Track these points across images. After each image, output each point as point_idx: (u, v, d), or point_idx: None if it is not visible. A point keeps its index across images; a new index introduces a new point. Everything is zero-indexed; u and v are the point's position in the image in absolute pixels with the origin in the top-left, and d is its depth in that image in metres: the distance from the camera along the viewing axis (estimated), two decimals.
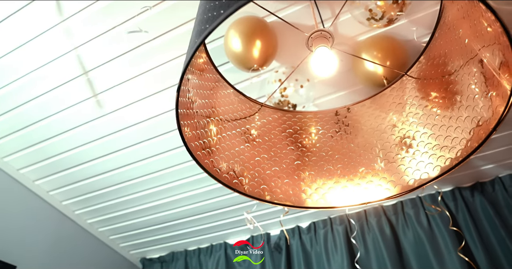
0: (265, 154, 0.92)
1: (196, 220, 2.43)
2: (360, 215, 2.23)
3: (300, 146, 0.97)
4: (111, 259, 2.69)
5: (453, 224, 1.96)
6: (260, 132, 0.94)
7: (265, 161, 0.91)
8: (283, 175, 0.92)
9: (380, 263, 2.01)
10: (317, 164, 0.95)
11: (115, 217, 2.47)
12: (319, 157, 0.98)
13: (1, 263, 1.86)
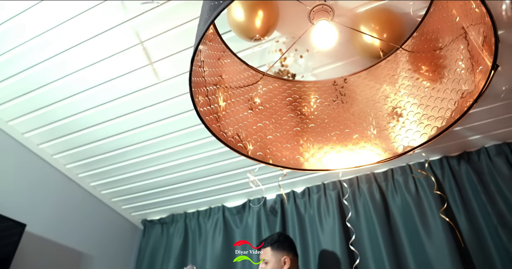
0: (267, 121, 0.99)
1: (195, 184, 2.54)
2: (352, 181, 2.34)
3: (299, 113, 1.05)
4: (113, 221, 2.82)
5: (438, 190, 2.08)
6: (262, 100, 1.01)
7: (267, 127, 0.99)
8: (283, 140, 1.00)
9: (369, 225, 2.15)
10: (315, 131, 1.03)
11: (118, 180, 2.57)
12: (316, 124, 1.06)
13: (12, 221, 1.96)
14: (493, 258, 1.84)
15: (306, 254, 2.22)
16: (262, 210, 2.53)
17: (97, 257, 2.56)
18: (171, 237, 2.77)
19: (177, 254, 2.63)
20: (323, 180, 2.42)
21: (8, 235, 1.95)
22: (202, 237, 2.66)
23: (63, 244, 2.34)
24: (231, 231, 2.60)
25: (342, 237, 2.14)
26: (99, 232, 2.65)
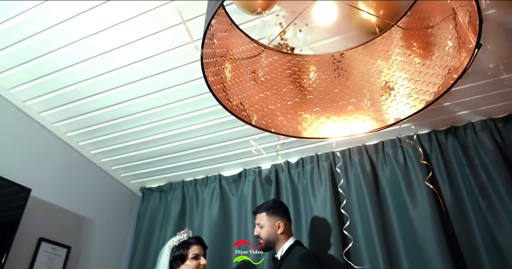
0: (268, 92, 1.06)
1: (193, 153, 2.63)
2: (344, 153, 2.45)
3: (298, 85, 1.12)
4: (113, 188, 2.91)
5: (425, 161, 2.19)
6: (264, 72, 1.08)
7: (268, 98, 1.06)
8: (283, 111, 1.08)
9: (359, 194, 2.27)
10: (313, 102, 1.10)
11: (117, 149, 2.65)
12: (314, 96, 1.13)
13: (18, 186, 2.04)
14: (471, 223, 1.98)
15: (299, 220, 2.35)
16: (258, 179, 2.64)
17: (98, 221, 2.67)
18: (169, 204, 2.88)
19: (175, 220, 2.76)
20: (317, 151, 2.53)
21: (14, 200, 2.04)
22: (199, 204, 2.78)
23: (66, 209, 2.44)
24: (227, 199, 2.72)
25: (333, 204, 2.27)
26: (100, 198, 2.75)
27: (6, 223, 1.97)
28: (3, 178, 1.98)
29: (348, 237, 1.91)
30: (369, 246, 2.09)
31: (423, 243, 1.98)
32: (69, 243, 2.38)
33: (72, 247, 2.39)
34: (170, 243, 2.07)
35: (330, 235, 2.18)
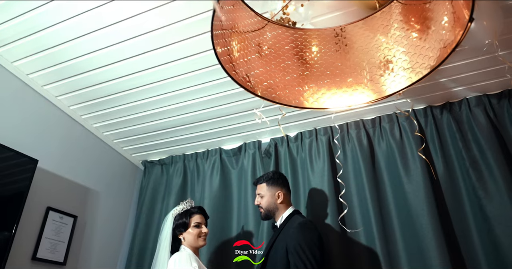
0: (272, 65, 1.11)
1: (194, 127, 2.69)
2: (342, 127, 2.51)
3: (300, 59, 1.16)
4: (116, 161, 2.98)
5: (422, 140, 2.25)
6: (268, 45, 1.12)
7: (272, 71, 1.11)
8: (286, 83, 1.13)
9: (355, 167, 2.36)
10: (314, 75, 1.16)
11: (119, 122, 2.70)
12: (316, 69, 1.18)
13: (27, 157, 2.11)
14: (461, 194, 2.08)
15: (297, 192, 2.45)
16: (257, 153, 2.72)
17: (102, 193, 2.76)
18: (171, 177, 2.97)
19: (177, 192, 2.85)
20: (315, 126, 2.59)
21: (22, 171, 2.10)
22: (200, 177, 2.86)
23: (72, 180, 2.51)
24: (228, 171, 2.80)
25: (330, 177, 2.35)
26: (104, 171, 2.83)
27: (15, 193, 2.04)
28: (12, 150, 2.04)
29: (343, 204, 2.00)
30: (364, 215, 2.19)
31: (415, 213, 2.08)
32: (75, 213, 2.47)
33: (78, 217, 2.48)
34: (174, 211, 2.16)
35: (327, 205, 2.27)
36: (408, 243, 2.04)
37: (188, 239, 2.04)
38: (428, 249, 1.96)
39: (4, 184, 2.02)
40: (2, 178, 2.01)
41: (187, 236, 2.05)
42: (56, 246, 2.29)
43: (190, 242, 2.03)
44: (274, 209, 2.01)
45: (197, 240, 2.03)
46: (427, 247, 1.97)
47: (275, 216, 2.02)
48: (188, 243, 2.04)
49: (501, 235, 1.90)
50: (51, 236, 2.27)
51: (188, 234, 2.05)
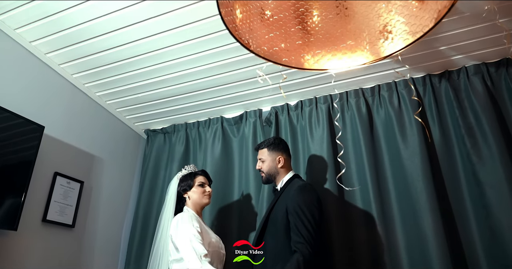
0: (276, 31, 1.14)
1: (195, 95, 2.72)
2: (342, 96, 2.55)
3: (301, 21, 1.19)
4: (119, 129, 3.04)
5: (418, 105, 2.30)
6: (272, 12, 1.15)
7: (275, 38, 1.14)
8: (288, 50, 1.16)
9: (354, 135, 2.42)
10: (315, 41, 1.18)
11: (122, 90, 2.73)
12: (317, 35, 1.20)
13: (33, 123, 2.16)
14: (456, 160, 2.15)
15: (297, 158, 2.52)
16: (258, 121, 2.77)
17: (107, 160, 2.83)
18: (173, 145, 3.03)
19: (179, 159, 2.92)
20: (315, 94, 2.63)
21: (29, 137, 2.16)
22: (202, 145, 2.93)
23: (77, 147, 2.58)
24: (229, 139, 2.86)
25: (329, 143, 2.42)
26: (107, 139, 2.89)
27: (23, 159, 2.10)
28: (21, 116, 2.09)
29: (341, 165, 2.07)
30: (361, 179, 2.27)
31: (411, 178, 2.16)
32: (82, 178, 2.55)
33: (85, 182, 2.57)
34: (179, 174, 2.25)
35: (326, 171, 2.35)
36: (402, 206, 2.13)
37: (192, 197, 2.13)
38: (421, 211, 2.05)
39: (13, 150, 2.08)
40: (11, 145, 2.07)
41: (191, 195, 2.14)
42: (64, 210, 2.38)
43: (194, 200, 2.13)
44: (275, 173, 2.08)
45: (202, 198, 2.13)
46: (421, 209, 2.06)
47: (276, 180, 2.09)
48: (193, 202, 2.13)
49: (492, 199, 1.98)
50: (60, 200, 2.36)
51: (192, 192, 2.14)
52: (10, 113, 2.04)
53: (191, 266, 1.79)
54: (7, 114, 2.03)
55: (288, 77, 2.41)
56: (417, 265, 1.98)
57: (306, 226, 1.75)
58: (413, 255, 2.01)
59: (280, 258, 1.77)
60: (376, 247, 2.11)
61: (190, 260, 1.80)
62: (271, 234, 1.89)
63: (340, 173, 2.16)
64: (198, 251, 1.82)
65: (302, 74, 2.41)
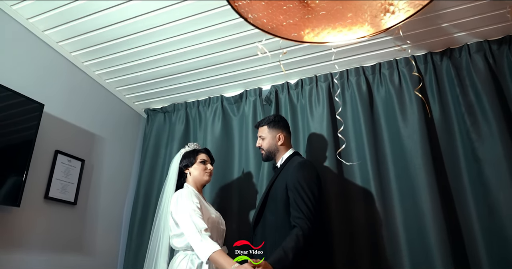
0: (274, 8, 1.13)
1: (195, 74, 2.71)
2: (342, 74, 2.54)
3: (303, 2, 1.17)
4: (119, 108, 3.04)
5: (419, 82, 2.29)
6: None
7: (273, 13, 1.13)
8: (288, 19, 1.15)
9: (354, 113, 2.42)
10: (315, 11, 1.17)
11: (120, 69, 2.71)
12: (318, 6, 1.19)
13: (32, 101, 2.16)
14: (455, 138, 2.16)
15: (297, 137, 2.53)
16: (258, 100, 2.76)
17: (108, 138, 2.84)
18: (173, 124, 3.04)
19: (179, 138, 2.93)
20: (316, 73, 2.62)
21: (29, 115, 2.15)
22: (202, 124, 2.93)
23: (77, 125, 2.58)
24: (229, 118, 2.86)
25: (329, 122, 2.42)
26: (108, 118, 2.89)
27: (24, 137, 2.11)
28: (21, 94, 2.09)
29: (341, 140, 2.08)
30: (360, 156, 2.29)
31: (410, 155, 2.17)
32: (82, 157, 2.56)
33: (86, 160, 2.58)
34: (182, 150, 2.26)
35: (326, 149, 2.36)
36: (401, 183, 2.15)
37: (193, 174, 2.15)
38: (420, 188, 2.07)
39: (13, 128, 2.08)
40: (11, 123, 2.07)
41: (193, 171, 2.15)
42: (66, 187, 2.41)
43: (195, 177, 2.15)
44: (275, 150, 2.09)
45: (202, 175, 2.15)
46: (419, 186, 2.08)
47: (276, 157, 2.11)
48: (193, 179, 2.15)
49: (491, 176, 1.99)
50: (61, 177, 2.38)
51: (194, 169, 2.16)
52: (9, 90, 2.04)
53: (191, 240, 1.82)
54: (7, 92, 2.03)
55: (288, 55, 2.39)
56: (415, 241, 2.02)
57: (305, 201, 1.77)
58: (410, 231, 2.04)
59: (280, 234, 1.80)
60: (374, 223, 2.14)
61: (190, 234, 1.83)
62: (271, 211, 1.91)
63: (340, 149, 2.16)
64: (198, 225, 1.84)
65: (303, 52, 2.39)
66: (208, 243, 1.77)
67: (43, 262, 2.20)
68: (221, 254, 1.72)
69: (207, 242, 1.77)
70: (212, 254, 1.72)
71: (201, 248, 1.77)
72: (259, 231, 1.93)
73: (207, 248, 1.75)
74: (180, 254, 1.98)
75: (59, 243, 2.33)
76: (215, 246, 1.75)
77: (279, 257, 1.61)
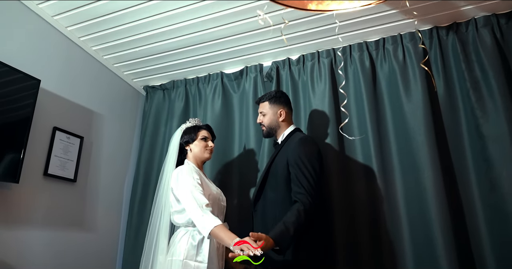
0: None
1: (195, 49, 2.64)
2: (345, 50, 2.48)
3: None
4: (117, 85, 2.99)
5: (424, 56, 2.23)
6: None
7: None
8: None
9: (356, 89, 2.37)
10: None
11: (118, 44, 2.65)
12: None
13: (28, 76, 2.11)
14: (459, 114, 2.12)
15: (298, 114, 2.49)
16: (259, 77, 2.71)
17: (107, 116, 2.80)
18: (173, 102, 2.99)
19: (179, 115, 2.89)
20: (318, 48, 2.55)
21: (26, 91, 2.11)
22: (202, 101, 2.89)
23: (75, 102, 2.54)
24: (229, 95, 2.82)
25: (331, 98, 2.38)
26: (106, 95, 2.84)
27: (21, 113, 2.07)
28: (17, 70, 2.04)
29: (343, 115, 2.05)
30: (362, 130, 2.25)
31: (412, 131, 2.14)
32: (81, 134, 2.54)
33: (85, 137, 2.56)
34: (183, 126, 2.23)
35: (327, 126, 2.33)
36: (403, 159, 2.13)
37: (194, 150, 2.12)
38: (421, 165, 2.06)
39: (10, 104, 2.05)
40: (7, 99, 2.03)
41: (193, 148, 2.13)
42: (65, 164, 2.39)
43: (195, 153, 2.12)
44: (276, 127, 2.06)
45: (203, 152, 2.12)
46: (421, 162, 2.06)
47: (277, 133, 2.08)
48: (194, 155, 2.13)
49: (494, 152, 1.97)
50: (60, 154, 2.36)
51: (195, 146, 2.13)
52: (5, 66, 1.99)
53: (192, 216, 1.82)
54: (3, 68, 1.98)
55: (291, 29, 2.33)
56: (416, 216, 2.01)
57: (307, 177, 1.75)
58: (412, 207, 2.03)
59: (281, 209, 1.79)
60: (375, 200, 2.14)
61: (191, 210, 1.82)
62: (271, 187, 1.90)
63: (342, 123, 2.13)
64: (199, 201, 1.83)
65: (305, 26, 2.33)
66: (209, 218, 1.76)
67: (44, 238, 2.20)
68: (222, 229, 1.71)
69: (209, 217, 1.76)
70: (213, 228, 1.71)
71: (202, 223, 1.76)
72: (260, 207, 1.92)
73: (208, 223, 1.74)
74: (181, 230, 1.98)
75: (60, 219, 2.33)
76: (216, 221, 1.74)
77: (280, 231, 1.61)
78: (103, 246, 2.63)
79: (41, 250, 2.17)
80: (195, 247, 1.89)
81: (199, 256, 1.88)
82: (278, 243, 1.58)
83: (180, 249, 1.89)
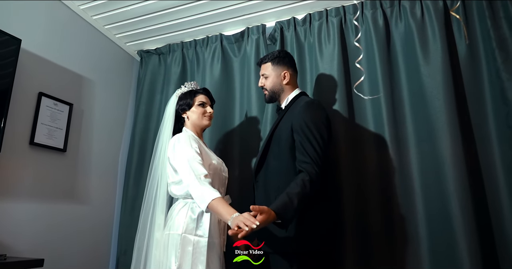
0: None
1: (191, 8, 2.41)
2: (356, 7, 2.25)
3: None
4: (109, 49, 2.78)
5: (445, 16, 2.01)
6: None
7: None
8: None
9: (368, 50, 2.16)
10: None
11: (108, 3, 2.42)
12: None
13: (7, 34, 1.91)
14: (482, 77, 1.92)
15: (304, 78, 2.29)
16: (261, 39, 2.50)
17: (98, 82, 2.61)
18: (169, 67, 2.79)
19: (176, 82, 2.70)
20: (326, 6, 2.32)
21: (4, 52, 1.92)
22: (200, 66, 2.69)
23: (62, 66, 2.35)
24: (229, 59, 2.61)
25: (340, 61, 2.17)
26: (97, 59, 2.64)
27: (0, 77, 1.89)
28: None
29: (359, 71, 1.85)
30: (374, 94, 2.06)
31: (430, 96, 1.95)
32: (70, 101, 2.36)
33: (74, 105, 2.38)
34: (178, 91, 2.05)
35: (336, 91, 2.14)
36: (418, 126, 1.95)
37: (192, 118, 1.95)
38: (439, 132, 1.88)
39: None
40: None
41: (191, 115, 1.96)
42: (53, 133, 2.23)
43: (194, 121, 1.95)
44: (279, 90, 1.87)
45: (201, 119, 1.95)
46: (438, 130, 1.88)
47: (280, 98, 1.88)
48: (192, 123, 1.96)
49: None
50: (47, 122, 2.20)
51: (192, 112, 1.96)
52: None
53: (189, 187, 1.67)
54: None
55: None
56: (431, 187, 1.85)
57: (313, 145, 1.58)
58: (427, 178, 1.87)
59: (284, 179, 1.62)
60: (387, 170, 1.97)
61: (188, 181, 1.67)
62: (274, 155, 1.73)
63: (356, 83, 1.93)
64: (198, 171, 1.67)
65: None
66: (207, 190, 1.61)
67: (32, 211, 2.07)
68: (221, 202, 1.56)
69: (207, 189, 1.61)
70: (211, 201, 1.56)
71: (199, 196, 1.61)
72: (261, 178, 1.76)
73: (206, 196, 1.59)
74: (180, 203, 1.83)
75: (49, 191, 2.19)
76: (214, 194, 1.59)
77: (283, 203, 1.45)
78: (98, 218, 2.51)
79: (29, 224, 2.05)
80: (194, 220, 1.75)
81: (199, 230, 1.74)
82: (281, 216, 1.43)
83: (178, 223, 1.76)
